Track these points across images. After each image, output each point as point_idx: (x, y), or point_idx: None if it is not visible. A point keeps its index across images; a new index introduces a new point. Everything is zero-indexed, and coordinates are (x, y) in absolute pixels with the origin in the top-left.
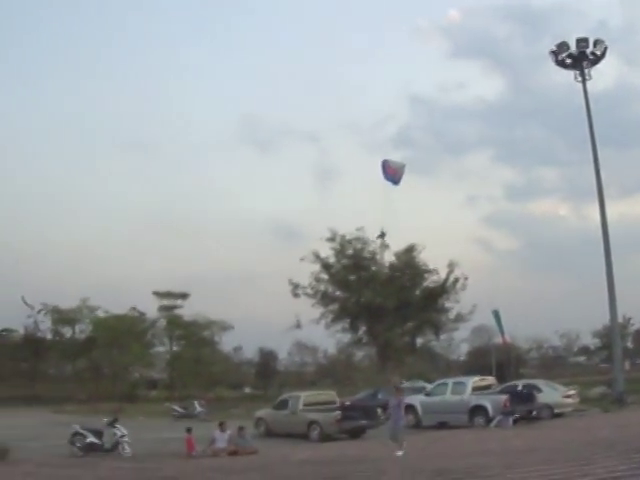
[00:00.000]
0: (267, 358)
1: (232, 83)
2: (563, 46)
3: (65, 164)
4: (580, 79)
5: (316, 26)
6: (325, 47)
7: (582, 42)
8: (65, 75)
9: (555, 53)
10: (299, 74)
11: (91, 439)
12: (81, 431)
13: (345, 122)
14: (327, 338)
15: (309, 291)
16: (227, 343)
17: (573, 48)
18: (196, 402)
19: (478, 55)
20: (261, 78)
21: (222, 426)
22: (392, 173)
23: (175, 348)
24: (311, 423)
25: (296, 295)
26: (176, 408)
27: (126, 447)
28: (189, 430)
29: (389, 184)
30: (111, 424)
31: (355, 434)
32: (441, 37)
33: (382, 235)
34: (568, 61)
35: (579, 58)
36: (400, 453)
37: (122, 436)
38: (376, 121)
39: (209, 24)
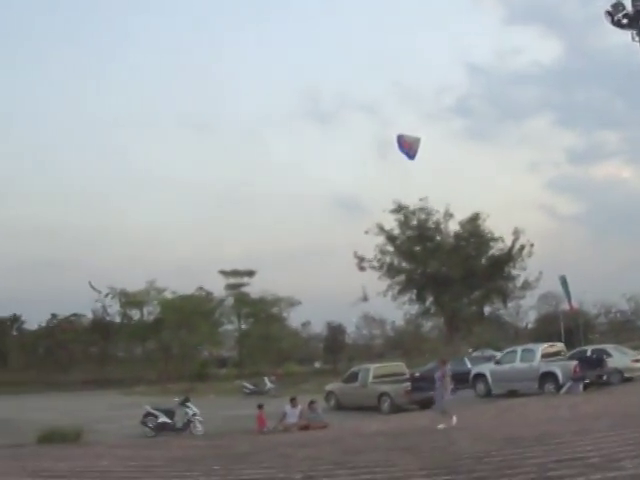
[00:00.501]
0: (335, 332)
1: (291, 56)
2: (618, 6)
3: (129, 147)
4: (637, 39)
5: None
6: (381, 17)
7: (638, 1)
8: (128, 57)
9: (610, 14)
10: (357, 45)
11: (163, 419)
12: (152, 411)
13: (403, 92)
14: (394, 310)
15: (375, 264)
16: (295, 319)
17: (629, 8)
18: (266, 378)
19: (534, 20)
20: (320, 50)
21: (293, 401)
22: (407, 147)
23: (243, 326)
24: (381, 395)
25: (362, 268)
26: (246, 385)
27: (198, 425)
28: (260, 406)
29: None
30: (182, 403)
31: (425, 405)
32: (497, 3)
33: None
34: (624, 21)
35: (635, 17)
36: (442, 426)
37: (193, 415)
38: (435, 90)
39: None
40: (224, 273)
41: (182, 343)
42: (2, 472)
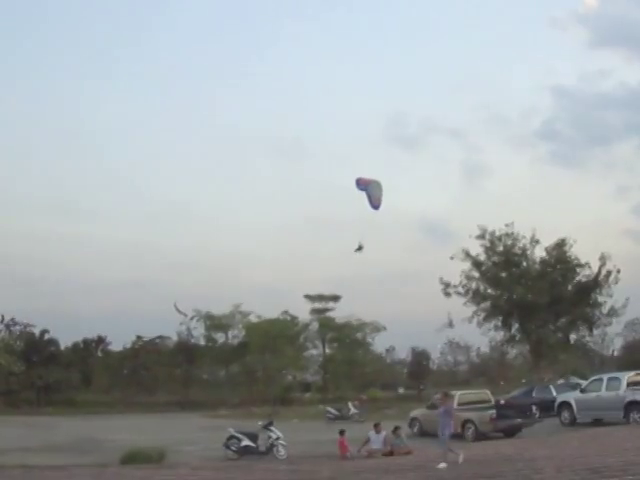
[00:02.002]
0: (420, 358)
1: (378, 82)
2: None
3: (216, 171)
4: None
5: (455, 23)
6: (467, 42)
7: None
8: (218, 84)
9: None
10: (443, 70)
11: (246, 442)
12: (236, 434)
13: (489, 117)
14: (480, 336)
15: (460, 289)
16: (379, 344)
17: None
18: (350, 403)
19: (618, 41)
20: (406, 76)
21: (377, 427)
22: (364, 184)
23: (328, 350)
24: (466, 422)
25: (447, 294)
26: (330, 410)
27: (281, 449)
28: (342, 432)
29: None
30: (266, 427)
31: (510, 433)
32: (579, 26)
33: (360, 248)
34: None
35: None
36: (442, 465)
37: (277, 439)
38: (520, 114)
39: (356, 24)
40: (309, 297)
41: (266, 367)
42: None
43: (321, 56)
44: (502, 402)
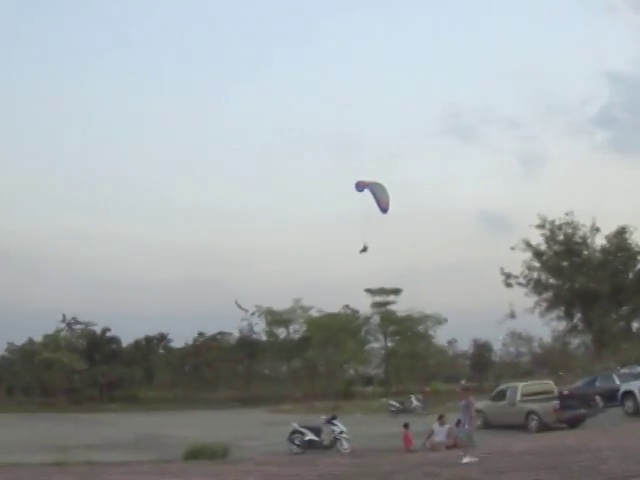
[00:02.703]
0: (481, 350)
1: (433, 73)
2: None
3: (274, 167)
4: None
5: (510, 11)
6: (521, 31)
7: None
8: (269, 81)
9: None
10: (497, 60)
11: (310, 436)
12: (300, 429)
13: (545, 105)
14: (542, 327)
15: (521, 280)
16: (441, 336)
17: None
18: (413, 397)
19: None
20: (461, 67)
21: (441, 420)
22: (363, 185)
23: (389, 344)
24: (529, 413)
25: (508, 285)
26: (393, 403)
27: (344, 443)
28: (406, 425)
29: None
30: (329, 421)
31: (574, 423)
32: (635, 11)
33: (365, 249)
34: None
35: None
36: (467, 460)
37: (340, 432)
38: (576, 102)
39: (410, 16)
40: (370, 291)
41: (328, 361)
42: None
43: (375, 48)
44: (565, 393)
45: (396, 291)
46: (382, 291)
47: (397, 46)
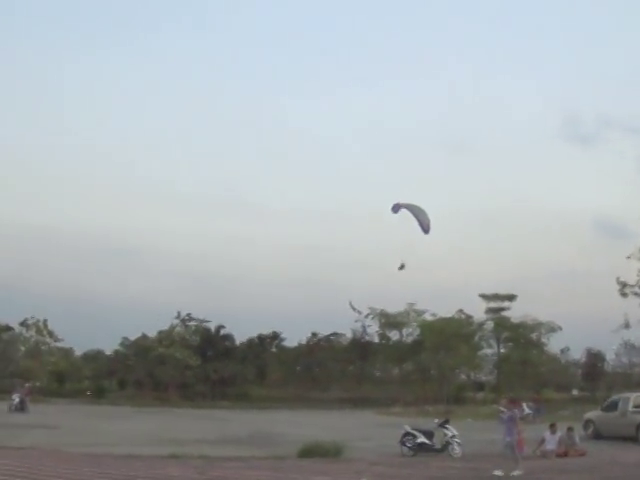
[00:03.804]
0: (594, 359)
1: (552, 80)
2: None
3: (384, 170)
4: None
5: (629, 14)
6: (635, 35)
7: None
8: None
9: None
10: (616, 66)
11: (422, 439)
12: (412, 431)
13: None
14: None
15: (637, 290)
16: (554, 344)
17: None
18: (524, 404)
19: None
20: (580, 73)
21: (553, 427)
22: (399, 207)
23: (502, 350)
24: None
25: (624, 294)
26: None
27: (456, 447)
28: (519, 432)
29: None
30: (442, 425)
31: None
32: None
33: (402, 267)
34: None
35: None
36: (517, 473)
37: (452, 437)
38: None
39: (530, 22)
40: (484, 297)
41: (440, 365)
42: None
43: (496, 55)
44: None
45: (510, 297)
46: (496, 297)
47: (518, 53)
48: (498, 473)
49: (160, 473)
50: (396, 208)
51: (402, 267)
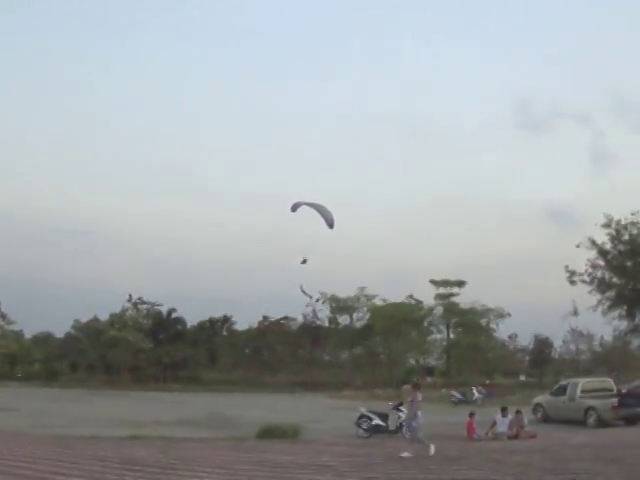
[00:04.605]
0: (542, 345)
1: (503, 66)
2: None
3: (340, 153)
4: None
5: (583, 6)
6: (592, 27)
7: None
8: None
9: None
10: (568, 56)
11: (377, 421)
12: (367, 414)
13: (617, 102)
14: (603, 326)
15: (586, 278)
16: (503, 330)
17: None
18: (474, 388)
19: None
20: (532, 61)
21: (504, 411)
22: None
23: (452, 335)
24: (588, 409)
25: (572, 282)
26: (454, 394)
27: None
28: (472, 414)
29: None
30: (396, 407)
31: (631, 421)
32: None
33: (304, 261)
34: None
35: None
36: (406, 454)
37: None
38: None
39: (484, 9)
40: (434, 282)
41: (390, 350)
42: (232, 461)
43: (450, 40)
44: (624, 391)
45: (460, 283)
46: (446, 283)
47: (472, 38)
48: (406, 454)
49: (127, 453)
50: (295, 207)
51: (304, 262)
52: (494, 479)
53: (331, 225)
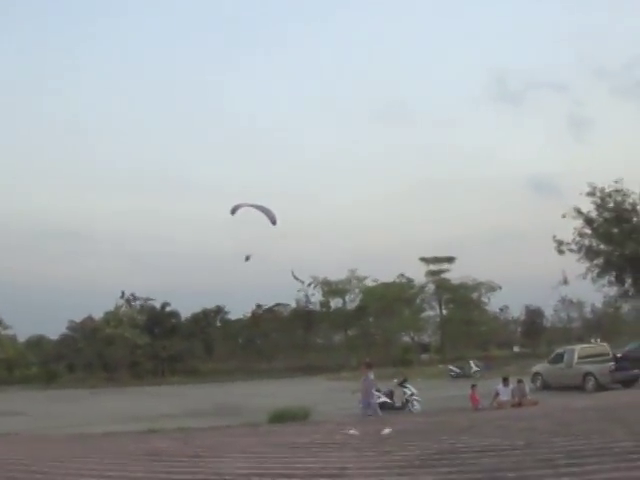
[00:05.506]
0: (534, 316)
1: (478, 38)
2: None
3: (324, 134)
4: None
5: None
6: None
7: None
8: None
9: None
10: (542, 24)
11: (383, 399)
12: (373, 392)
13: (594, 68)
14: (593, 293)
15: (573, 247)
16: (494, 303)
17: None
18: (472, 362)
19: None
20: (506, 31)
21: (505, 381)
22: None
23: (444, 311)
24: (586, 374)
25: (560, 252)
26: (452, 368)
27: (415, 404)
28: (474, 386)
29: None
30: (401, 384)
31: (628, 383)
32: None
33: (247, 258)
34: None
35: None
36: (387, 431)
37: (411, 394)
38: (623, 65)
39: None
40: (424, 260)
41: (384, 329)
42: (253, 445)
43: (419, 13)
44: (619, 355)
45: (450, 259)
46: (436, 260)
47: (442, 10)
48: (387, 431)
49: (149, 446)
50: (234, 210)
51: (248, 258)
52: (506, 444)
53: (274, 222)
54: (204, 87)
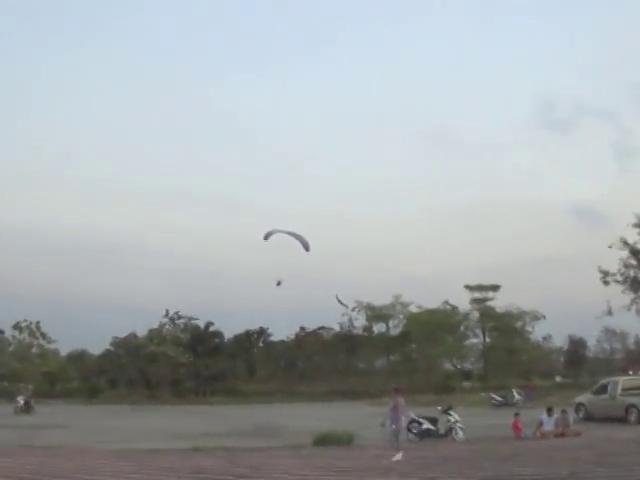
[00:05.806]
0: (576, 346)
1: (524, 65)
2: None
3: (371, 157)
4: None
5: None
6: (614, 20)
7: None
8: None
9: None
10: (590, 51)
11: (427, 425)
12: (417, 418)
13: None
14: (637, 324)
15: (618, 278)
16: (537, 332)
17: None
18: (514, 390)
19: None
20: (553, 59)
21: (550, 411)
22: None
23: (488, 339)
24: (629, 406)
25: (606, 283)
26: (495, 397)
27: (459, 432)
28: (517, 414)
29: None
30: (445, 411)
31: None
32: None
33: (279, 283)
34: None
35: None
36: (397, 457)
37: (455, 422)
38: None
39: (503, 6)
40: (469, 287)
41: (427, 356)
42: (297, 467)
43: (467, 39)
44: None
45: (494, 287)
46: (481, 287)
47: (490, 37)
48: (398, 457)
49: (194, 465)
50: (267, 235)
51: (279, 283)
52: (550, 473)
53: (307, 248)
54: (261, 114)
